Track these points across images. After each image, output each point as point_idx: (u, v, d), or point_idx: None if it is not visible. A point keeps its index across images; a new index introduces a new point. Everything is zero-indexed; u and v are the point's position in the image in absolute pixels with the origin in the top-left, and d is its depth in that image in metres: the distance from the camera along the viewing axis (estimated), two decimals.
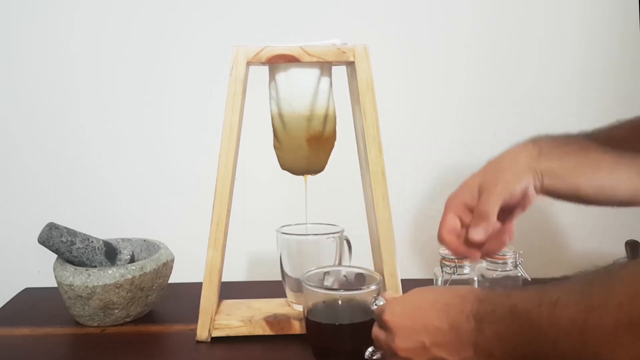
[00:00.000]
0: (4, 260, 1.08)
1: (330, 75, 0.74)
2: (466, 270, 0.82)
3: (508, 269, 0.84)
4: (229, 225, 0.73)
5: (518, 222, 0.61)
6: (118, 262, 0.82)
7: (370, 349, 0.58)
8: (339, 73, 0.76)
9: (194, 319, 0.73)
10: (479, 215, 0.58)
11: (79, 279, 0.74)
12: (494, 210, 0.58)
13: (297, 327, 0.73)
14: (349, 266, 0.73)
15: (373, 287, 0.63)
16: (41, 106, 1.07)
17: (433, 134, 1.11)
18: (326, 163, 0.76)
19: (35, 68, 1.06)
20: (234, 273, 1.03)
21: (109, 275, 0.74)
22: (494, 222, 0.58)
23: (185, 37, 1.07)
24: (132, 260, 0.83)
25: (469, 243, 0.59)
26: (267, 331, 0.73)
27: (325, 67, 0.72)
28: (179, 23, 1.07)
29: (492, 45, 1.10)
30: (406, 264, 0.95)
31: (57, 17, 1.05)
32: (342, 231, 0.77)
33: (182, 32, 1.07)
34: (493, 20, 1.10)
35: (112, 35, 1.06)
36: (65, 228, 0.78)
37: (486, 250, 0.60)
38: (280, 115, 0.73)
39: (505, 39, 1.10)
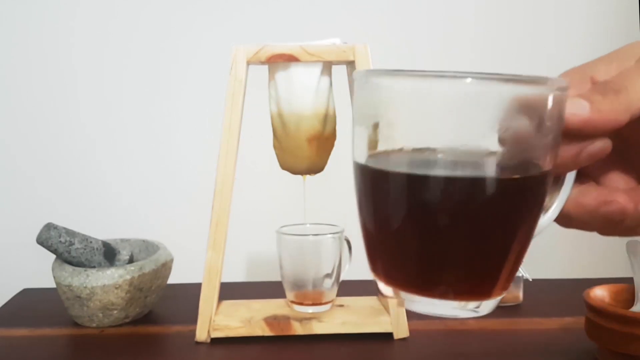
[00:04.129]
0: (2, 261, 1.07)
1: (330, 75, 0.73)
2: None
3: None
4: (228, 226, 0.72)
5: None
6: (117, 263, 0.82)
7: None
8: (339, 73, 0.76)
9: (193, 319, 0.72)
10: (604, 85, 0.29)
11: (77, 279, 0.73)
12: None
13: (297, 328, 0.72)
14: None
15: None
16: (40, 105, 1.06)
17: None
18: (326, 163, 0.75)
19: (35, 66, 1.06)
20: (234, 274, 1.02)
21: (108, 276, 0.74)
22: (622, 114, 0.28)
23: (185, 36, 1.06)
24: (130, 260, 0.83)
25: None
26: (267, 332, 0.72)
27: (325, 66, 0.72)
28: (178, 22, 1.06)
29: (492, 45, 1.10)
30: None
31: (58, 13, 1.05)
32: (342, 231, 0.77)
33: (181, 31, 1.06)
34: (494, 19, 1.09)
35: (111, 34, 1.06)
36: (64, 228, 0.77)
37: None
38: (280, 114, 0.72)
39: (506, 39, 1.09)
